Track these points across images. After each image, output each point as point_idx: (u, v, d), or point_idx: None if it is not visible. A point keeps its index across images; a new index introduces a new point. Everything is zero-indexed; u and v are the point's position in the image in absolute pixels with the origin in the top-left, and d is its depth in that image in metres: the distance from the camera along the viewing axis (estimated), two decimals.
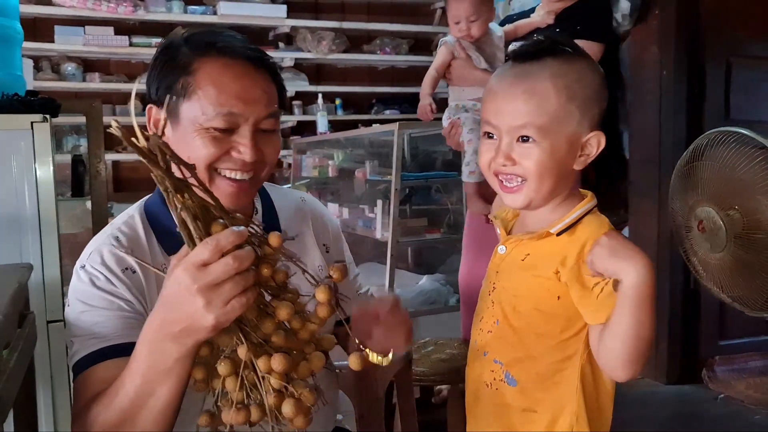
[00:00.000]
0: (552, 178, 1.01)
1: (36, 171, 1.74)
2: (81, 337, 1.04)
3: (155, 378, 0.88)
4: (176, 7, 4.54)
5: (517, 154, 1.01)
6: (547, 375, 1.03)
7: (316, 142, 4.41)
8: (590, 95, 1.01)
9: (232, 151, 1.06)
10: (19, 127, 1.72)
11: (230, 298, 0.79)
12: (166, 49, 1.09)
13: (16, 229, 1.73)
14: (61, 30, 4.30)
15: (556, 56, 1.01)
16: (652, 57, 2.99)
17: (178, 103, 1.05)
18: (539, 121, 0.99)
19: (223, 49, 1.06)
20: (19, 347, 1.18)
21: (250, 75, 1.07)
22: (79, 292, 1.07)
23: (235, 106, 1.04)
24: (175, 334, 0.84)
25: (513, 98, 1.01)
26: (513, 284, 1.06)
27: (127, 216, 1.14)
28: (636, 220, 3.19)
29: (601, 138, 1.02)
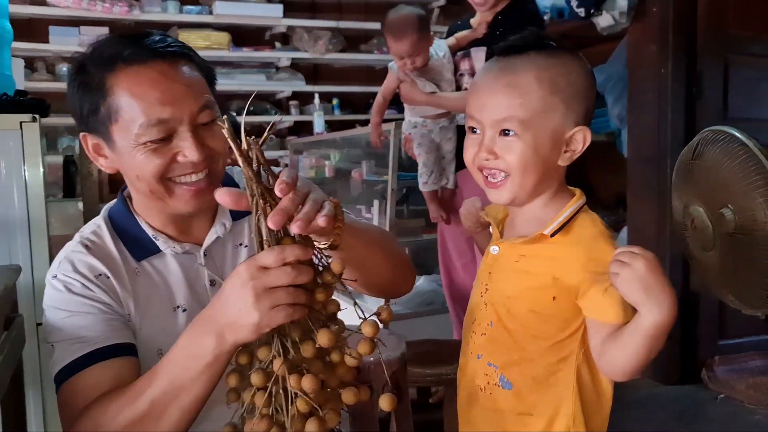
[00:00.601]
0: (535, 173, 1.00)
1: (25, 171, 1.72)
2: (63, 342, 1.02)
3: (191, 372, 0.90)
4: (171, 8, 4.52)
5: (499, 148, 1.00)
6: (542, 377, 1.01)
7: (313, 142, 4.40)
8: (576, 90, 1.00)
9: (178, 156, 1.03)
10: (7, 127, 1.70)
11: (278, 305, 0.82)
12: (77, 72, 1.04)
13: (4, 230, 1.71)
14: (56, 30, 4.28)
15: (540, 50, 1.00)
16: (650, 55, 2.97)
17: (107, 127, 1.02)
18: (521, 115, 0.98)
19: (129, 57, 1.00)
20: (6, 350, 1.17)
21: (166, 74, 1.00)
22: (56, 300, 1.05)
23: (161, 111, 0.99)
24: (218, 328, 0.87)
25: (495, 92, 1.00)
26: (507, 286, 1.04)
27: (94, 225, 1.13)
28: (634, 220, 3.17)
29: (587, 134, 1.00)
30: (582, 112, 1.00)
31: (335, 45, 4.96)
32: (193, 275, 1.11)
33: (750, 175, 1.80)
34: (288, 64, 4.90)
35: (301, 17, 4.90)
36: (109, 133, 1.02)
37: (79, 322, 1.02)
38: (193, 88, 1.03)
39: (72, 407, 0.99)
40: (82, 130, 1.07)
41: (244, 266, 0.85)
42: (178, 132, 1.02)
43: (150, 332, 1.07)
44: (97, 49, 1.03)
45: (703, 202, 2.01)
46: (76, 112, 1.06)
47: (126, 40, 1.03)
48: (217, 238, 1.13)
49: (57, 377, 1.02)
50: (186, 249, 1.12)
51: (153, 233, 1.11)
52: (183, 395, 0.91)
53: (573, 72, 1.00)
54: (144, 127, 0.99)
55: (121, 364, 1.01)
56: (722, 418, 2.70)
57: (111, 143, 1.04)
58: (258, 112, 4.83)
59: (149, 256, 1.10)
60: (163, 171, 1.02)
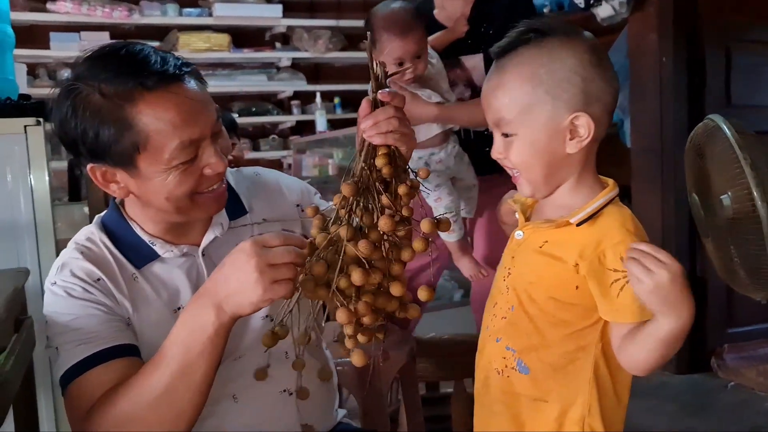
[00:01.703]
0: (540, 168, 1.01)
1: (30, 175, 1.72)
2: (68, 344, 1.03)
3: (195, 349, 0.93)
4: (171, 11, 4.53)
5: (503, 147, 1.02)
6: (560, 364, 1.01)
7: (316, 141, 4.40)
8: (560, 77, 0.97)
9: (204, 170, 1.04)
10: (12, 131, 1.71)
11: (279, 280, 0.88)
12: (77, 99, 0.98)
13: (12, 234, 1.72)
14: (57, 36, 4.29)
15: (528, 44, 1.00)
16: (651, 45, 2.97)
17: (133, 156, 0.99)
18: (509, 116, 1.00)
19: (146, 84, 0.97)
20: (17, 351, 1.17)
21: (185, 93, 1.00)
22: (58, 306, 1.06)
23: (192, 132, 1.00)
24: (217, 300, 0.92)
25: (488, 96, 1.03)
26: (529, 271, 1.04)
27: (87, 232, 1.13)
28: (638, 210, 3.17)
29: (589, 119, 0.98)
30: (576, 98, 0.97)
31: (335, 44, 4.97)
32: (194, 276, 1.12)
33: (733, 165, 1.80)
34: (289, 64, 4.91)
35: (300, 17, 4.91)
36: (134, 162, 1.00)
37: (82, 324, 1.03)
38: (206, 102, 1.04)
39: (80, 407, 1.00)
40: (90, 161, 1.03)
41: (248, 243, 0.90)
42: (202, 147, 1.03)
43: (152, 336, 1.07)
44: (106, 83, 0.97)
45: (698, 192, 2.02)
46: (80, 142, 1.00)
47: (130, 67, 0.98)
48: (215, 238, 1.14)
49: (62, 379, 1.03)
50: (184, 251, 1.12)
51: (149, 239, 1.11)
52: (191, 373, 0.94)
53: (556, 59, 0.98)
54: (177, 150, 0.99)
55: (126, 364, 1.02)
56: (732, 406, 2.70)
57: (134, 171, 1.01)
58: (260, 112, 4.84)
59: (149, 262, 1.11)
60: (194, 188, 1.04)
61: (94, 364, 1.00)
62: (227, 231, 1.15)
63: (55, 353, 1.04)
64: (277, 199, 1.24)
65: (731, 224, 1.74)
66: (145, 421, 0.95)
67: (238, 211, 1.18)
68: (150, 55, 1.00)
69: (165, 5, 4.51)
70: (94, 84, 0.98)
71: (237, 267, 0.90)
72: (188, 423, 0.97)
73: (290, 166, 4.65)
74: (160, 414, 0.95)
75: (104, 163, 1.02)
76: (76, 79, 0.99)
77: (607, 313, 0.97)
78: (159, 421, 0.95)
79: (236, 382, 1.10)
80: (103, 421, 0.96)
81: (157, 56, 1.00)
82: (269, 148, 4.84)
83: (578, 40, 0.99)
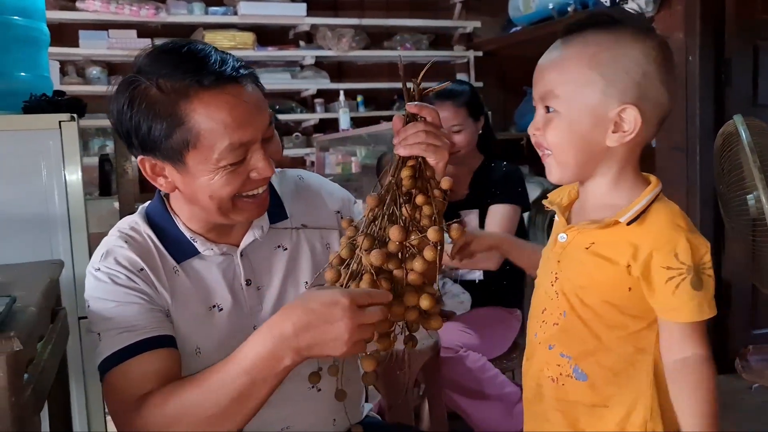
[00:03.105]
0: (574, 152, 0.98)
1: (65, 169, 1.76)
2: (111, 331, 1.05)
3: (260, 378, 0.94)
4: (197, 9, 4.57)
5: (543, 123, 1.00)
6: (619, 369, 0.98)
7: (339, 139, 4.42)
8: (622, 65, 0.94)
9: (251, 173, 1.05)
10: (47, 127, 1.74)
11: (362, 340, 0.92)
12: (135, 93, 1.01)
13: (46, 227, 1.76)
14: (86, 34, 4.35)
15: (597, 26, 0.97)
16: (677, 43, 2.94)
17: (183, 153, 1.01)
18: (558, 90, 0.97)
19: (202, 82, 0.98)
20: (53, 341, 1.20)
21: (240, 95, 1.01)
22: (101, 291, 1.08)
23: (243, 135, 1.00)
24: (299, 347, 0.92)
25: (542, 68, 1.00)
26: (578, 274, 1.00)
27: (131, 222, 1.15)
28: None
29: (638, 114, 0.94)
30: (630, 90, 0.94)
31: (358, 42, 4.98)
32: (230, 275, 1.14)
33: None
34: (312, 62, 4.93)
35: (324, 15, 4.92)
36: (183, 159, 1.01)
37: (126, 312, 1.05)
38: (261, 106, 1.04)
39: (120, 395, 1.02)
40: (141, 153, 1.05)
41: (346, 300, 0.90)
42: (251, 151, 1.03)
43: (187, 330, 1.09)
44: (164, 78, 0.99)
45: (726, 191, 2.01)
46: (135, 135, 1.03)
47: (189, 64, 1.00)
48: (254, 240, 1.15)
49: (102, 365, 1.05)
50: (223, 250, 1.14)
51: (191, 235, 1.13)
52: (250, 399, 0.96)
53: (623, 47, 0.95)
54: (226, 151, 1.00)
55: (166, 354, 1.04)
56: (757, 407, 2.68)
57: (181, 167, 1.03)
58: (284, 110, 4.87)
59: (188, 258, 1.13)
60: (239, 191, 1.05)
61: (135, 353, 1.02)
62: (266, 233, 1.17)
63: (96, 338, 1.07)
64: (317, 205, 1.24)
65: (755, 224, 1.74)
66: (192, 427, 0.97)
67: (278, 215, 1.19)
68: (210, 54, 1.02)
69: (191, 4, 4.56)
70: (153, 78, 1.00)
71: (328, 321, 0.90)
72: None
73: (313, 163, 4.68)
74: (209, 425, 0.96)
75: (154, 157, 1.04)
76: (137, 72, 1.02)
77: (664, 313, 0.94)
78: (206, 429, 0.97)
79: None
80: (153, 416, 0.98)
81: (217, 56, 1.02)
82: (293, 146, 4.86)
83: (650, 36, 0.97)
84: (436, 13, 5.29)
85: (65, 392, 1.43)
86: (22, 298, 1.03)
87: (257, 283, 1.15)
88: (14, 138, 1.74)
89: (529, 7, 4.03)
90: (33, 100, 1.78)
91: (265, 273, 1.16)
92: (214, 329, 1.10)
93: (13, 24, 1.84)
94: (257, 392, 0.95)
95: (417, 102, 1.04)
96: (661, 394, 0.97)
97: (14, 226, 1.72)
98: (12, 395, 0.86)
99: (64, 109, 1.76)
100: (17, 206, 1.73)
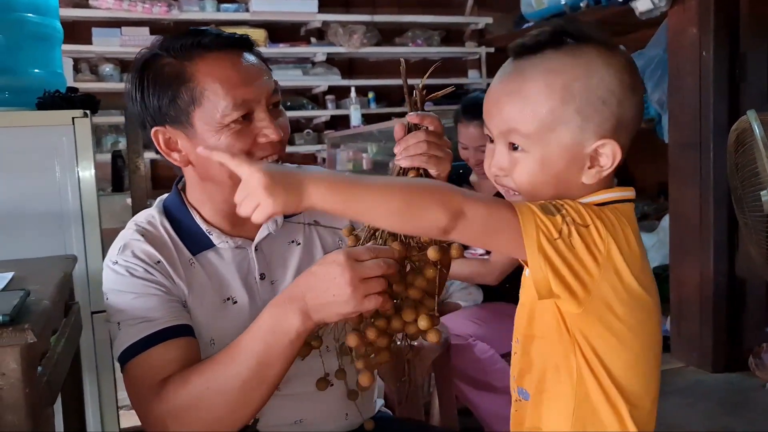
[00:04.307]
0: (547, 193, 0.87)
1: (78, 165, 1.78)
2: (129, 321, 1.06)
3: (276, 349, 0.96)
4: (209, 6, 4.59)
5: (508, 162, 0.89)
6: (544, 381, 0.90)
7: (350, 135, 4.42)
8: (597, 96, 0.84)
9: (258, 138, 1.07)
10: (61, 123, 1.76)
11: (370, 294, 0.91)
12: (143, 70, 1.09)
13: (60, 222, 1.77)
14: (99, 32, 4.38)
15: (558, 48, 0.86)
16: (691, 38, 2.92)
17: (189, 113, 1.06)
18: (526, 128, 0.86)
19: (207, 45, 1.06)
20: (66, 334, 1.21)
21: (243, 58, 1.08)
22: (120, 284, 1.09)
23: (245, 92, 1.05)
24: (307, 308, 0.94)
25: (500, 100, 0.88)
26: (522, 296, 0.96)
27: (148, 215, 1.17)
28: (676, 207, 3.13)
29: (616, 147, 0.85)
30: (606, 122, 0.85)
31: (370, 39, 4.98)
32: (245, 269, 1.15)
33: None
34: (323, 59, 4.94)
35: (335, 12, 4.93)
36: (190, 119, 1.06)
37: (144, 304, 1.06)
38: (262, 70, 1.10)
39: (142, 384, 1.03)
40: (153, 124, 1.10)
41: (341, 256, 0.91)
42: (256, 113, 1.07)
43: (202, 322, 1.11)
44: (169, 44, 1.08)
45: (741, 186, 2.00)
46: (145, 109, 1.09)
47: (193, 33, 1.08)
48: (269, 234, 1.17)
49: (122, 356, 1.06)
50: (238, 243, 1.15)
51: (207, 227, 1.14)
52: (267, 370, 0.97)
53: (595, 74, 0.84)
54: (229, 108, 1.04)
55: (186, 343, 1.05)
56: None
57: (191, 131, 1.07)
58: (295, 107, 4.88)
59: (204, 250, 1.14)
60: (247, 152, 1.06)
61: (155, 342, 1.04)
62: (280, 228, 1.18)
63: (116, 328, 1.08)
64: None
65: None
66: (214, 407, 0.99)
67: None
68: (214, 29, 1.10)
69: (203, 1, 4.58)
70: (162, 52, 1.08)
71: (329, 279, 0.91)
72: (253, 413, 1.01)
73: (324, 160, 4.69)
74: (229, 403, 0.98)
75: (165, 125, 1.09)
76: (148, 52, 1.10)
77: None
78: (227, 409, 0.99)
79: None
80: (174, 398, 1.00)
81: (221, 31, 1.09)
82: (304, 143, 4.88)
83: (616, 56, 0.87)
84: (447, 9, 5.28)
85: (78, 385, 1.45)
86: (36, 292, 1.04)
87: (271, 277, 1.16)
88: (28, 134, 1.75)
89: (542, 3, 4.01)
90: (46, 96, 1.79)
91: (279, 267, 1.17)
92: (228, 322, 1.11)
93: (26, 21, 1.86)
94: (274, 360, 0.97)
95: (419, 111, 1.02)
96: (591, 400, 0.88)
97: (28, 222, 1.74)
98: (26, 387, 0.87)
99: (77, 106, 1.78)
100: (31, 202, 1.74)
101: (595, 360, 0.86)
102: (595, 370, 0.86)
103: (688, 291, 3.05)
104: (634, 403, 0.87)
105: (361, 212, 0.83)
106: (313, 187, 0.80)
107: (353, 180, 0.83)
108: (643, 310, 0.87)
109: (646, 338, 0.88)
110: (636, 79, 0.87)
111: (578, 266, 0.81)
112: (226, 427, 1.00)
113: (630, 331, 0.86)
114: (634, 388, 0.87)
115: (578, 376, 0.86)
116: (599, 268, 0.81)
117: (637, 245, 0.86)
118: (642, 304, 0.86)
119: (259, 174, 0.79)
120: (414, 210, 0.81)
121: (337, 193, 0.81)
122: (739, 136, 2.07)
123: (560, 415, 0.88)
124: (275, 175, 0.79)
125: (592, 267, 0.81)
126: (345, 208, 0.83)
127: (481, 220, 0.81)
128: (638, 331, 0.87)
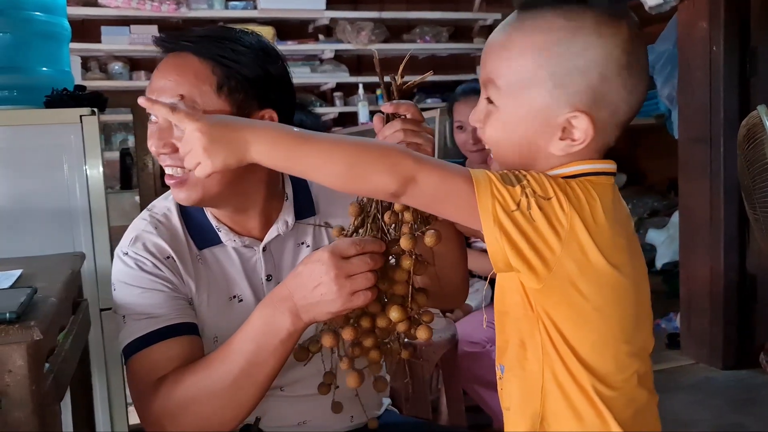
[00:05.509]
0: (513, 154, 0.85)
1: (86, 163, 1.78)
2: (134, 316, 1.07)
3: (267, 349, 0.96)
4: (217, 4, 4.60)
5: (484, 114, 0.87)
6: (514, 358, 0.88)
7: (358, 132, 4.42)
8: (575, 64, 0.80)
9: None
10: (68, 121, 1.77)
11: (358, 290, 0.90)
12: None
13: (68, 220, 1.78)
14: (108, 30, 4.39)
15: (557, 8, 0.82)
16: (701, 33, 2.90)
17: None
18: (499, 81, 0.84)
19: (160, 44, 1.09)
20: (74, 332, 1.22)
21: (166, 64, 1.07)
22: (128, 277, 1.10)
23: (149, 92, 1.06)
24: (296, 308, 0.94)
25: (489, 46, 0.86)
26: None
27: (164, 207, 1.17)
28: (686, 202, 3.11)
29: (589, 123, 0.81)
30: (580, 93, 0.81)
31: (378, 36, 4.97)
32: (251, 268, 1.15)
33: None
34: (332, 56, 4.94)
35: (343, 9, 4.92)
36: None
37: (150, 299, 1.07)
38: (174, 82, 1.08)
39: (142, 380, 1.04)
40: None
41: (326, 254, 0.90)
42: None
43: (207, 319, 1.11)
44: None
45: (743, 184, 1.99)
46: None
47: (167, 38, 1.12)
48: (278, 235, 1.16)
49: (126, 349, 1.07)
50: (246, 243, 1.15)
51: (217, 224, 1.14)
52: (258, 371, 0.97)
53: (582, 42, 0.80)
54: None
55: (188, 341, 1.06)
56: None
57: None
58: (303, 104, 4.88)
59: (210, 246, 1.14)
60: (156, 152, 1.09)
61: (158, 339, 1.04)
62: (290, 229, 1.17)
63: (121, 321, 1.09)
64: (346, 206, 1.25)
65: None
66: (206, 407, 0.99)
67: (307, 211, 1.19)
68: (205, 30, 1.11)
69: None
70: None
71: (315, 278, 0.91)
72: (245, 415, 1.01)
73: None
74: (221, 403, 0.98)
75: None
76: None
77: None
78: (219, 409, 0.99)
79: (284, 375, 1.11)
80: (167, 399, 1.00)
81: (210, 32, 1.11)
82: None
83: (618, 28, 0.81)
84: (456, 6, 5.26)
85: (87, 382, 1.45)
86: (43, 289, 1.05)
87: (278, 278, 1.16)
88: (36, 132, 1.76)
89: None
90: (54, 94, 1.80)
91: (287, 269, 1.17)
92: (232, 320, 1.11)
93: (34, 19, 1.87)
94: (264, 360, 0.97)
95: (395, 100, 1.00)
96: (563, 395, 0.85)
97: (36, 219, 1.75)
98: (32, 384, 0.87)
99: (85, 104, 1.78)
100: (39, 199, 1.76)
101: (558, 338, 0.82)
102: (559, 349, 0.83)
103: (698, 287, 3.03)
104: (607, 383, 0.83)
105: (306, 171, 0.82)
106: (255, 143, 0.79)
107: (300, 136, 0.80)
108: (614, 289, 0.82)
109: (618, 318, 0.83)
110: (633, 57, 0.82)
111: (538, 240, 0.78)
112: (219, 426, 1.00)
113: (596, 310, 0.81)
114: (606, 369, 0.83)
115: (543, 353, 0.83)
116: (561, 244, 0.78)
117: (608, 221, 0.80)
118: (612, 283, 0.81)
119: (197, 133, 0.79)
120: (360, 172, 0.79)
121: (280, 149, 0.80)
122: (749, 131, 2.06)
123: (531, 392, 0.86)
124: (215, 132, 0.79)
125: (553, 242, 0.78)
126: (288, 166, 0.81)
127: (434, 186, 0.79)
128: (607, 311, 0.82)
